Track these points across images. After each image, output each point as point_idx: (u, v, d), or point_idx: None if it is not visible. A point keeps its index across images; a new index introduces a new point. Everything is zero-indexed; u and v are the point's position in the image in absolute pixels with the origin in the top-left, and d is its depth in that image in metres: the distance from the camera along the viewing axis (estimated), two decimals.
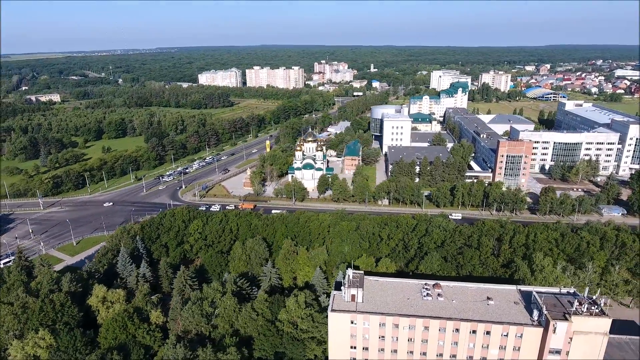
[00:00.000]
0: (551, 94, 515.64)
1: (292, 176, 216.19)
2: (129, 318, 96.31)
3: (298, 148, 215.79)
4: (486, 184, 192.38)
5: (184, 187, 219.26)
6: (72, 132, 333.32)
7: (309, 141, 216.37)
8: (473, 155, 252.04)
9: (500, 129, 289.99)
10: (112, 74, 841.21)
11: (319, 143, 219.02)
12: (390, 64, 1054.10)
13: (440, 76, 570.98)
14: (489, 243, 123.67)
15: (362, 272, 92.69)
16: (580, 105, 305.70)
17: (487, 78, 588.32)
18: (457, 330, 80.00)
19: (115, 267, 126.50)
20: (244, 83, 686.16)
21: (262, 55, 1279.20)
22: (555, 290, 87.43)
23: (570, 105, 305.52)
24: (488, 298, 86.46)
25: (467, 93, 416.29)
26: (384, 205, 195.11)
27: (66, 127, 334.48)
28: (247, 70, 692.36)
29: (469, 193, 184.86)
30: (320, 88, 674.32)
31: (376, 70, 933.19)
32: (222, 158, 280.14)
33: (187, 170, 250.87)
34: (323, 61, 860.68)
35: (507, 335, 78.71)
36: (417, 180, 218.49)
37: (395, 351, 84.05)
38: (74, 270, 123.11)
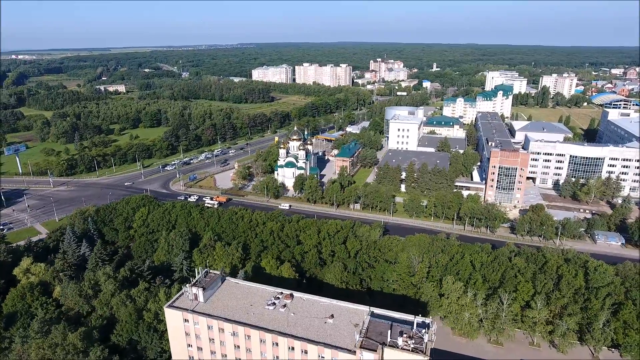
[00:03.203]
0: (622, 101, 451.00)
1: (276, 173, 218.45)
2: (29, 290, 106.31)
3: (282, 146, 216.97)
4: (465, 197, 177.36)
5: (178, 176, 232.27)
6: (115, 120, 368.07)
7: (293, 139, 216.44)
8: (479, 164, 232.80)
9: (535, 136, 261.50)
10: (181, 68, 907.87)
11: (302, 142, 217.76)
12: (457, 63, 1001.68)
13: (492, 77, 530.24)
14: (406, 260, 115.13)
15: (219, 272, 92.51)
16: (628, 115, 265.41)
17: (548, 81, 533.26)
18: (277, 344, 76.86)
19: (62, 244, 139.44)
20: (294, 80, 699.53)
21: (328, 52, 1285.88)
22: (409, 317, 79.71)
23: (614, 115, 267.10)
24: (331, 316, 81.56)
25: (509, 97, 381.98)
26: (355, 209, 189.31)
27: (110, 115, 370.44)
28: (296, 67, 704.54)
29: (442, 204, 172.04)
30: (369, 87, 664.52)
31: (439, 69, 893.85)
32: (231, 152, 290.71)
33: (191, 161, 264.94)
34: (379, 59, 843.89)
35: (323, 357, 73.85)
36: (402, 186, 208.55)
37: (225, 356, 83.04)
38: (37, 243, 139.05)
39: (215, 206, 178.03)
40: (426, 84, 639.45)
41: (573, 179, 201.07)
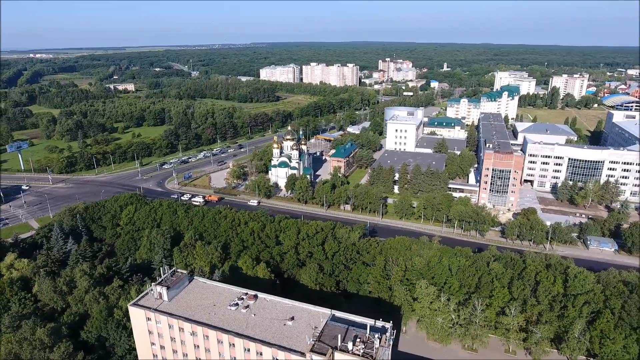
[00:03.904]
0: (633, 102, 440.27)
1: (270, 173, 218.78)
2: (9, 285, 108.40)
3: (276, 146, 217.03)
4: (455, 199, 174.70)
5: (174, 175, 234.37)
6: (120, 118, 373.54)
7: (287, 139, 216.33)
8: (476, 166, 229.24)
9: (534, 138, 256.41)
10: (191, 67, 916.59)
11: (296, 142, 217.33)
12: (469, 63, 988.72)
13: (501, 78, 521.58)
14: (381, 263, 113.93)
15: (186, 272, 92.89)
16: (633, 118, 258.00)
17: (558, 82, 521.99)
18: (233, 345, 76.76)
19: (49, 240, 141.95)
20: (302, 79, 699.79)
21: (340, 52, 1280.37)
22: (369, 321, 78.77)
23: (619, 117, 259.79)
24: (291, 318, 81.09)
25: (514, 97, 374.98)
26: (345, 210, 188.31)
27: (115, 114, 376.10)
28: (303, 67, 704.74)
29: (432, 206, 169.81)
30: (376, 86, 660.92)
31: (449, 69, 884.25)
32: (229, 150, 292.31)
33: (189, 160, 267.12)
34: (388, 59, 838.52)
35: (277, 359, 73.44)
36: (395, 188, 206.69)
37: (186, 355, 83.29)
38: (24, 239, 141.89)
39: (202, 205, 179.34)
40: (434, 84, 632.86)
41: (571, 182, 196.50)
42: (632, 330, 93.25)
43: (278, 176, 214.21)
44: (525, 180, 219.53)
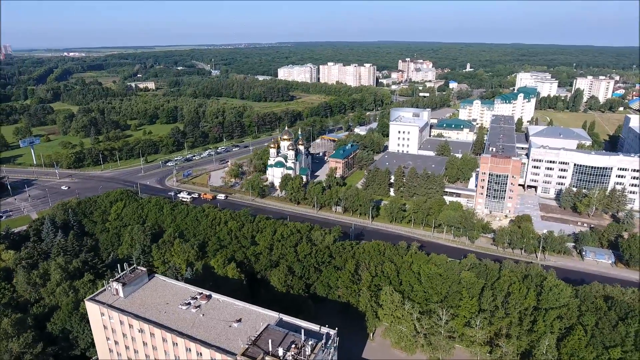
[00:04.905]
0: None
1: (268, 173, 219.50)
2: None
3: (273, 146, 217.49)
4: (445, 204, 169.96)
5: (175, 172, 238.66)
6: (134, 116, 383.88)
7: (283, 139, 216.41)
8: (478, 170, 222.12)
9: (543, 142, 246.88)
10: (213, 66, 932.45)
11: (293, 142, 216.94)
12: (493, 64, 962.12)
13: (522, 79, 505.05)
14: (351, 267, 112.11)
15: (145, 269, 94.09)
16: None
17: (583, 84, 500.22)
18: (176, 344, 77.15)
19: (41, 233, 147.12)
20: (319, 79, 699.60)
21: (362, 52, 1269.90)
22: (314, 327, 77.66)
23: (636, 121, 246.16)
24: (238, 320, 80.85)
25: (531, 100, 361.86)
26: (336, 212, 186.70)
27: (130, 111, 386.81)
28: (320, 66, 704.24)
29: (423, 211, 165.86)
30: (394, 87, 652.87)
31: (471, 69, 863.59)
32: (234, 149, 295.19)
33: (193, 158, 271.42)
34: (408, 59, 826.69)
35: None
36: (391, 191, 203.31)
37: (137, 352, 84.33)
38: (18, 232, 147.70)
39: (189, 202, 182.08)
40: (452, 85, 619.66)
41: (574, 189, 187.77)
42: (604, 349, 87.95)
43: (274, 176, 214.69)
44: (529, 186, 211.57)
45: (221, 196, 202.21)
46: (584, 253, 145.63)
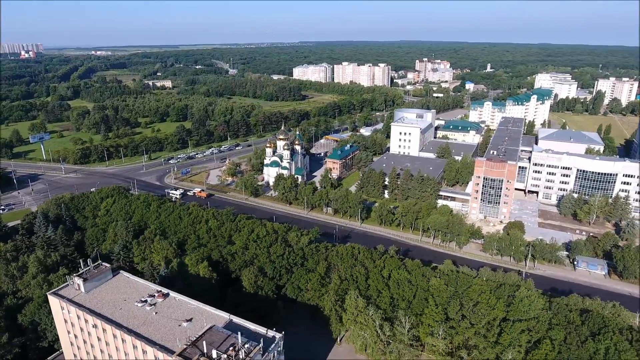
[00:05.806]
0: None
1: (264, 172, 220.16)
2: None
3: (269, 145, 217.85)
4: (436, 207, 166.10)
5: (174, 170, 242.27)
6: (146, 114, 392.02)
7: (279, 139, 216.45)
8: None
9: (551, 146, 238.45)
10: (232, 65, 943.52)
11: (289, 142, 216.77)
12: (515, 64, 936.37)
13: (540, 80, 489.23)
14: (322, 269, 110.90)
15: (109, 266, 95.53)
16: None
17: (605, 85, 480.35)
18: (125, 341, 77.97)
19: (33, 227, 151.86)
20: (334, 78, 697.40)
21: (381, 51, 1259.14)
22: (261, 330, 77.21)
23: None
24: (189, 320, 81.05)
25: (545, 102, 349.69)
26: (327, 213, 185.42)
27: (142, 109, 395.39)
28: (335, 66, 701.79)
29: (412, 214, 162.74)
30: (408, 87, 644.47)
31: (492, 70, 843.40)
32: (237, 148, 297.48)
33: (196, 156, 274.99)
34: (425, 59, 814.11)
35: (157, 359, 73.60)
36: (386, 193, 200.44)
37: (93, 346, 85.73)
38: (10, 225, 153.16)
39: (178, 199, 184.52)
40: (469, 86, 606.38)
41: (575, 195, 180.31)
42: None
43: (270, 175, 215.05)
44: (530, 191, 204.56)
45: (241, 200, 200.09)
46: (576, 263, 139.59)
